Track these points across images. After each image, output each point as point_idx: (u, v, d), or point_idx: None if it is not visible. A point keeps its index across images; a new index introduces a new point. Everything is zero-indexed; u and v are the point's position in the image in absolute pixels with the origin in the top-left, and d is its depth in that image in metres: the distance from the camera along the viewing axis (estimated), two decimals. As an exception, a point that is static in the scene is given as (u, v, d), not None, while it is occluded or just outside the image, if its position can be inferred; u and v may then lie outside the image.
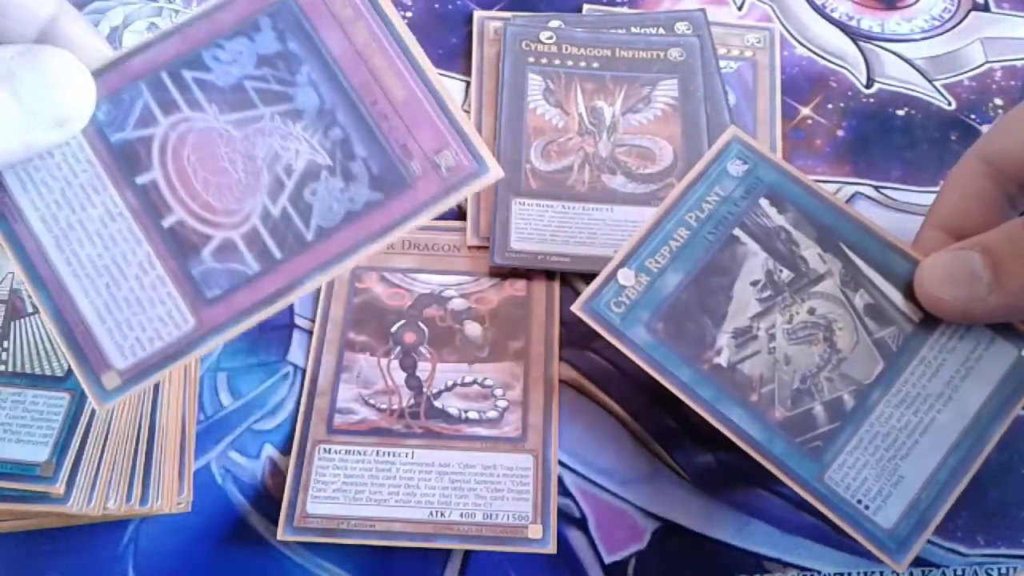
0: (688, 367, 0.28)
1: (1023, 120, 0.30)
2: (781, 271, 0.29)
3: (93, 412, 0.31)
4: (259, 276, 0.23)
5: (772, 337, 0.29)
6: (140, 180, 0.24)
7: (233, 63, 0.24)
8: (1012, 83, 0.44)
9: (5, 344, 0.32)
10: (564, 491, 0.34)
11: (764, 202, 0.30)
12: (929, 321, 0.29)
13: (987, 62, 0.45)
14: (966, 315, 0.28)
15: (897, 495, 0.27)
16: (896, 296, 0.29)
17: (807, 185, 0.30)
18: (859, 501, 0.27)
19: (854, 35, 0.46)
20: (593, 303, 0.29)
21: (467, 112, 0.42)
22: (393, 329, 0.36)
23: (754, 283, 0.29)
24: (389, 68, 0.24)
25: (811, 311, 0.29)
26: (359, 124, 0.24)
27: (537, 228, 0.38)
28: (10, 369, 0.31)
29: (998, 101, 0.43)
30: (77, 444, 0.30)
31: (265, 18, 0.24)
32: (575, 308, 0.29)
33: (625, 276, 0.29)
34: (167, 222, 0.24)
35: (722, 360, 0.29)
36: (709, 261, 0.29)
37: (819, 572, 0.32)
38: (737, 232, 0.30)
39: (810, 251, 0.30)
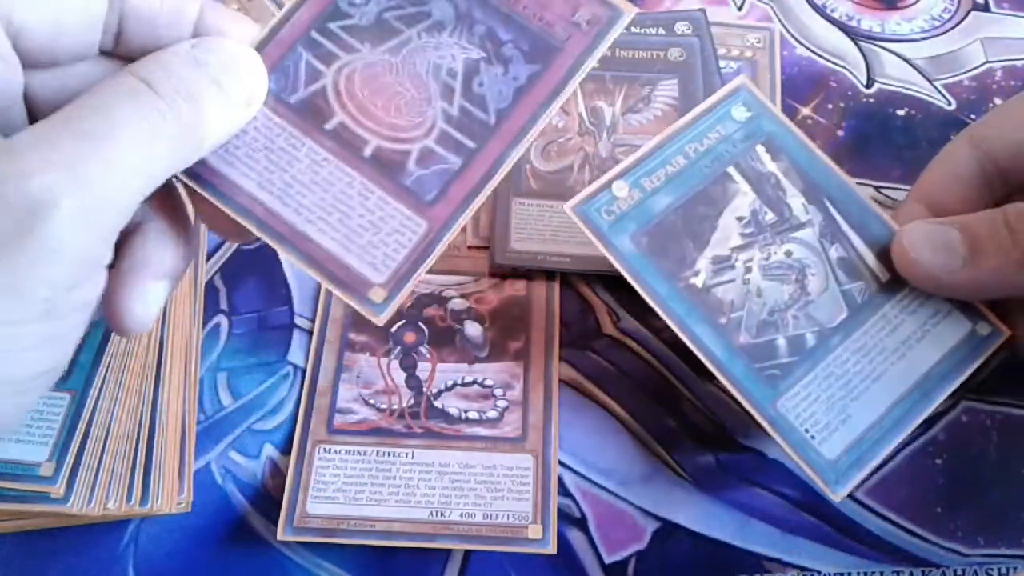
0: (665, 282, 0.30)
1: (1012, 111, 0.32)
2: (766, 212, 0.31)
3: (93, 412, 0.31)
4: (464, 168, 0.26)
5: (748, 269, 0.31)
6: (328, 126, 0.26)
7: (368, 3, 0.27)
8: (1012, 83, 0.44)
9: (5, 344, 0.32)
10: (564, 491, 0.34)
11: (760, 148, 0.32)
12: (895, 283, 0.31)
13: (987, 62, 0.45)
14: (936, 283, 0.30)
15: (843, 432, 0.29)
16: (868, 255, 0.31)
17: (803, 141, 0.32)
18: (806, 430, 0.29)
19: (854, 35, 0.46)
20: (585, 206, 0.31)
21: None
22: (393, 329, 0.36)
23: (739, 218, 0.31)
24: None
25: (788, 253, 0.31)
26: (496, 14, 0.27)
27: (537, 228, 0.37)
28: (10, 369, 0.31)
29: (998, 101, 0.43)
30: (77, 444, 0.30)
31: None
32: (567, 207, 0.30)
33: (619, 188, 0.31)
34: (367, 152, 0.26)
35: (698, 281, 0.30)
36: (700, 191, 0.31)
37: (819, 572, 0.32)
38: (731, 170, 0.32)
39: (795, 200, 0.32)
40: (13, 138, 0.20)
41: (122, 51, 0.24)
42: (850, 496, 0.33)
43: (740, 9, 0.46)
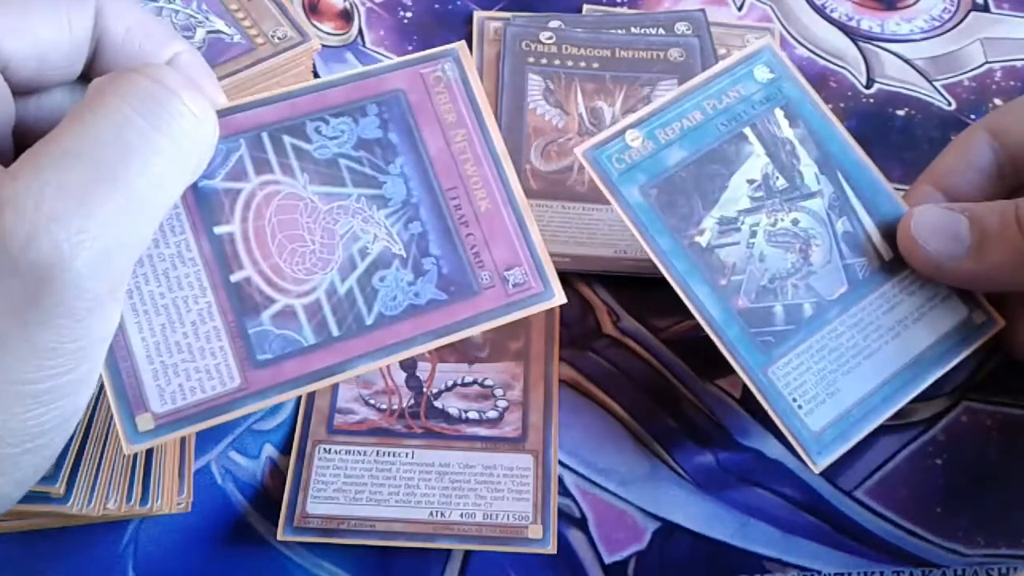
0: (669, 237, 0.30)
1: None
2: (777, 178, 0.31)
3: (93, 412, 0.31)
4: (312, 349, 0.24)
5: (754, 234, 0.30)
6: (218, 230, 0.24)
7: (333, 139, 0.25)
8: (1012, 83, 0.44)
9: (5, 344, 0.31)
10: (564, 491, 0.34)
11: (779, 112, 0.32)
12: (897, 263, 0.31)
13: (987, 62, 0.45)
14: (937, 270, 0.30)
15: (830, 404, 0.29)
16: (875, 232, 0.31)
17: (823, 110, 0.32)
18: (794, 400, 0.29)
19: (854, 35, 0.46)
20: (597, 152, 0.30)
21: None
22: (393, 329, 0.36)
23: (750, 181, 0.31)
24: (479, 177, 0.25)
25: (795, 222, 0.31)
26: (440, 224, 0.25)
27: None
28: (10, 369, 0.31)
29: (998, 101, 0.43)
30: (77, 444, 0.30)
31: (372, 105, 0.25)
32: (578, 151, 0.30)
33: (633, 137, 0.30)
34: (235, 277, 0.24)
35: (702, 240, 0.30)
36: (714, 149, 0.31)
37: (819, 572, 0.32)
38: (747, 131, 0.31)
39: (808, 169, 0.31)
40: (15, 184, 0.19)
41: (94, 76, 0.24)
42: (850, 496, 0.33)
43: (740, 9, 0.46)
